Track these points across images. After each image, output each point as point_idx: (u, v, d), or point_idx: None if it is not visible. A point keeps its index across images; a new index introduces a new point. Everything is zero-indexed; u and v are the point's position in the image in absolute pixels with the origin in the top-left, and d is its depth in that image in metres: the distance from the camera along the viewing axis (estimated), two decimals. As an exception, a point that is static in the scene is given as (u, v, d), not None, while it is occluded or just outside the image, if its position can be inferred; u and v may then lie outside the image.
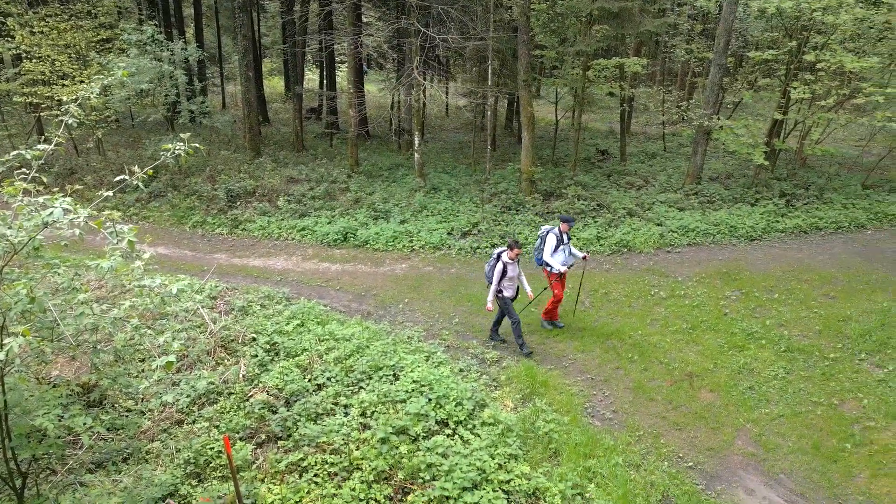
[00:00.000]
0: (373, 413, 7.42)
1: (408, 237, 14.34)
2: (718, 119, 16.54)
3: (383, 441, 6.75)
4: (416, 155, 17.62)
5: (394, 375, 8.26)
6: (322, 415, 7.43)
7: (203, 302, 10.13)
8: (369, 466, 6.46)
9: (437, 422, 7.30)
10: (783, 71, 16.92)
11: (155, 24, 18.50)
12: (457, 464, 6.42)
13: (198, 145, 5.29)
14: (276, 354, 8.84)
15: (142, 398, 7.75)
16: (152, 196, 16.79)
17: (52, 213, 4.18)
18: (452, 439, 7.02)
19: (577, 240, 14.03)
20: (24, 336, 3.96)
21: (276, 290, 11.37)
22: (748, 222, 14.85)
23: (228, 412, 7.52)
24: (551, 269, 9.75)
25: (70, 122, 5.23)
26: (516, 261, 9.17)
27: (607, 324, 10.37)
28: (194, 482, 6.44)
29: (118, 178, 4.94)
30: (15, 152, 4.67)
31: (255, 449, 6.97)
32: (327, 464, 6.59)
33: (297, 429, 7.10)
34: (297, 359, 8.55)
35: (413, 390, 7.78)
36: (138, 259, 4.52)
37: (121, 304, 5.05)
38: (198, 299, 9.82)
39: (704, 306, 10.96)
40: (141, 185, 5.07)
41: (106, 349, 5.84)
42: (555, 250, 9.73)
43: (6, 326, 4.54)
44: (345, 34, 19.20)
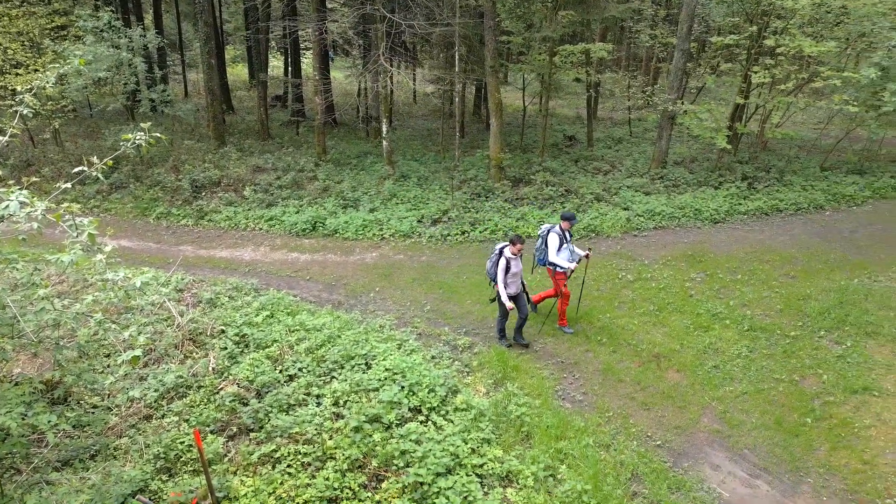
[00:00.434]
0: (345, 402, 7.41)
1: (378, 225, 14.28)
2: (682, 104, 16.79)
3: (356, 430, 6.75)
4: (384, 142, 17.51)
5: (366, 364, 8.25)
6: (294, 405, 7.39)
7: (169, 295, 9.95)
8: (343, 455, 6.47)
9: (410, 409, 7.34)
10: (744, 56, 17.22)
11: (111, 11, 17.96)
12: (430, 450, 6.46)
13: (159, 135, 5.18)
14: (246, 346, 8.75)
15: (108, 394, 7.61)
16: (113, 188, 16.38)
17: (7, 206, 4.06)
18: (426, 426, 7.06)
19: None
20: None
21: (244, 281, 11.23)
22: (712, 205, 15.15)
23: (198, 406, 7.43)
24: (556, 269, 9.29)
25: (25, 112, 5.08)
26: (519, 256, 8.70)
27: (576, 308, 10.51)
28: (165, 477, 6.37)
29: (77, 170, 4.81)
30: (-34, 144, 4.51)
31: (227, 442, 6.91)
32: (300, 454, 6.58)
33: (269, 420, 7.06)
34: (267, 350, 8.49)
35: (385, 378, 7.79)
36: (100, 252, 4.42)
37: (83, 298, 4.95)
38: (164, 292, 9.65)
39: (670, 288, 11.17)
40: (101, 177, 4.95)
41: (69, 345, 5.72)
42: (559, 249, 9.23)
43: (-37, 324, 4.41)
44: (309, 20, 18.92)
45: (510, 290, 8.77)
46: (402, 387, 7.58)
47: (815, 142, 20.74)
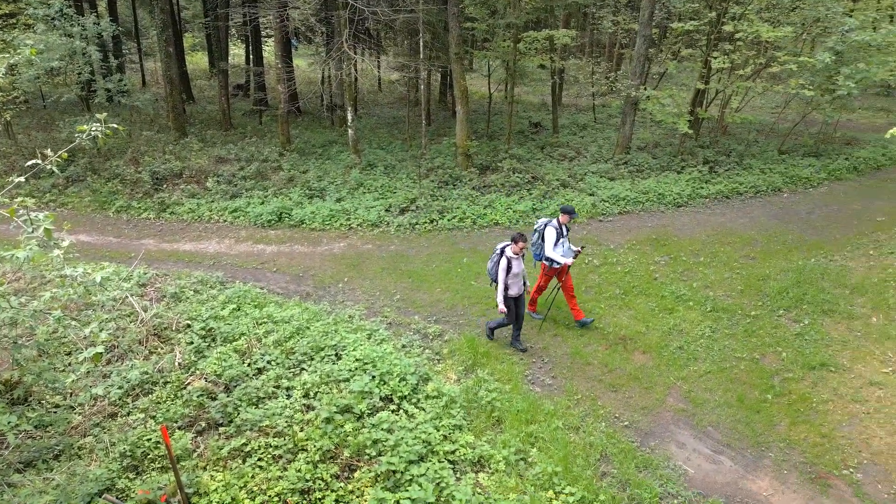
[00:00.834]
0: (316, 394, 7.38)
1: (345, 215, 14.17)
2: (645, 89, 17.00)
3: (328, 421, 6.73)
4: (350, 131, 17.34)
5: (336, 355, 8.22)
6: (263, 398, 7.33)
7: (132, 290, 9.73)
8: (314, 447, 6.45)
9: (381, 398, 7.34)
10: (704, 41, 17.51)
11: (63, -3, 17.30)
12: (402, 438, 6.49)
13: (117, 126, 5.04)
14: (213, 340, 8.63)
15: (70, 393, 7.42)
16: (70, 181, 15.89)
17: (-44, 202, 3.91)
18: (397, 414, 7.08)
19: (514, 212, 14.24)
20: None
21: (209, 274, 11.05)
22: (675, 189, 15.43)
23: (165, 402, 7.31)
24: (552, 264, 9.10)
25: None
26: (521, 255, 8.39)
27: (544, 293, 10.60)
28: (132, 475, 6.26)
29: (30, 163, 4.66)
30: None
31: (196, 437, 6.82)
32: (271, 447, 6.53)
33: (239, 414, 6.99)
34: (234, 343, 8.38)
35: (356, 369, 7.78)
36: (57, 248, 4.30)
37: (41, 295, 4.81)
38: (126, 287, 9.43)
39: (636, 272, 11.37)
40: (56, 170, 4.80)
41: (28, 343, 5.56)
42: (555, 244, 9.03)
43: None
44: (270, 7, 18.53)
45: (512, 292, 8.46)
46: (373, 376, 7.58)
47: (773, 126, 21.26)
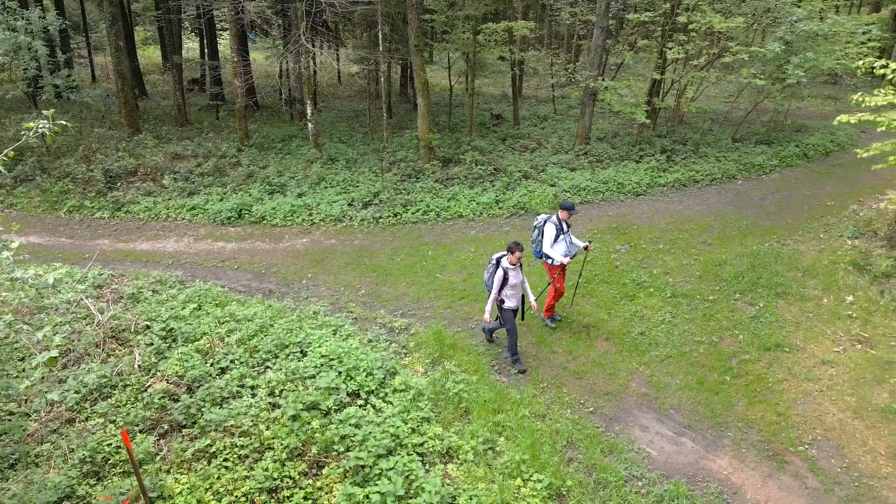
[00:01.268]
0: (282, 392, 7.30)
1: (307, 210, 14.01)
2: (603, 80, 17.22)
3: (294, 418, 6.67)
4: (309, 125, 17.11)
5: (301, 352, 8.15)
6: (228, 398, 7.22)
7: (86, 291, 9.45)
8: (281, 445, 6.39)
9: (348, 394, 7.31)
10: (660, 32, 17.81)
11: (5, -10, 16.60)
12: (370, 433, 6.47)
13: (65, 123, 4.89)
14: (174, 341, 8.45)
15: (24, 399, 7.19)
16: (18, 181, 15.33)
17: None
18: (365, 409, 7.06)
19: (477, 204, 14.28)
20: None
21: (168, 273, 10.81)
22: (634, 179, 15.70)
23: (125, 405, 7.14)
24: (552, 262, 8.91)
25: None
26: (518, 266, 7.99)
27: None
28: (93, 481, 6.11)
29: (-27, 163, 4.48)
30: None
31: (158, 440, 6.68)
32: (237, 447, 6.44)
33: (202, 415, 6.87)
34: (196, 343, 8.22)
35: (322, 365, 7.72)
36: (6, 249, 4.15)
37: (-11, 300, 4.63)
38: (80, 289, 9.14)
39: (597, 261, 11.55)
40: (3, 170, 4.63)
41: (-23, 351, 5.35)
42: (555, 241, 8.77)
43: None
44: (224, -1, 18.13)
45: (510, 304, 8.16)
46: (340, 372, 7.54)
47: (727, 114, 21.80)
